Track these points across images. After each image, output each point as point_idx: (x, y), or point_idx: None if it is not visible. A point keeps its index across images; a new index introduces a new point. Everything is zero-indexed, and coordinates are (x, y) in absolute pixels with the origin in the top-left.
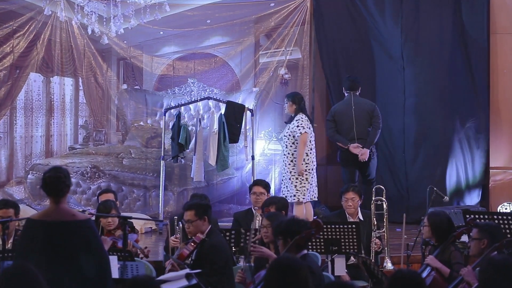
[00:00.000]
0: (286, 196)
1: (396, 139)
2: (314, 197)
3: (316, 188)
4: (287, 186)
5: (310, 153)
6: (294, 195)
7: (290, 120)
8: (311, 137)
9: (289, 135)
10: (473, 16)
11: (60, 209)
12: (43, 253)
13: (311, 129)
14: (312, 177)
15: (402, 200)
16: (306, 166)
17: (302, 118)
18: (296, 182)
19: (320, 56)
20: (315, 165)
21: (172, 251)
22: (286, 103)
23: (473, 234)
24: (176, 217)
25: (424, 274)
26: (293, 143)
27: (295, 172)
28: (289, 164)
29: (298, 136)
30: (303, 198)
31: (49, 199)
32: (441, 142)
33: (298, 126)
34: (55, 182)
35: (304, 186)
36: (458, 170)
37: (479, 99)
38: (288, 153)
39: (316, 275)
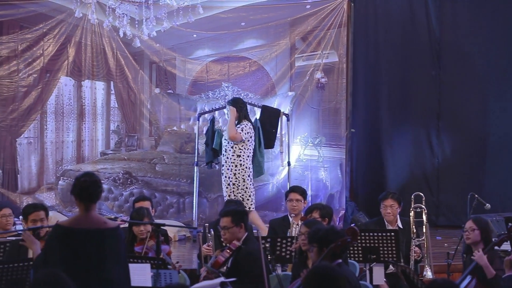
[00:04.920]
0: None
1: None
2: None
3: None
4: (227, 193)
5: (248, 160)
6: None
7: None
8: (250, 145)
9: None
10: None
11: (92, 216)
12: (73, 261)
13: (253, 138)
14: (252, 184)
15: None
16: (245, 172)
17: (247, 125)
18: (234, 189)
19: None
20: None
21: (205, 258)
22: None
23: None
24: (208, 225)
25: (465, 283)
26: (231, 147)
27: (232, 178)
28: (228, 169)
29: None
30: (251, 206)
31: (79, 206)
32: (478, 147)
33: (242, 129)
34: (92, 187)
35: (244, 193)
36: (498, 176)
37: None
38: (227, 158)
39: (352, 285)
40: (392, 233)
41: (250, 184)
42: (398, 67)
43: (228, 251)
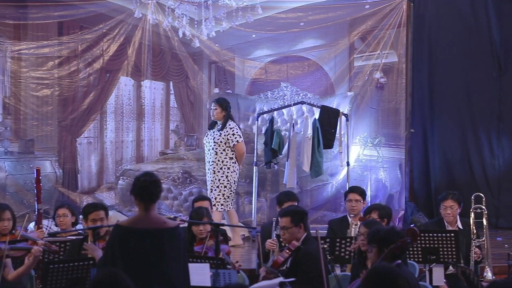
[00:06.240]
0: (215, 205)
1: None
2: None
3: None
4: (214, 195)
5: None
6: (222, 204)
7: (213, 125)
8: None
9: (221, 142)
10: None
11: (151, 216)
12: (132, 261)
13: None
14: (236, 185)
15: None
16: (236, 175)
17: (236, 126)
18: (225, 191)
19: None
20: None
21: (265, 258)
22: (215, 108)
23: None
24: (275, 219)
25: None
26: (224, 150)
27: (224, 180)
28: (219, 171)
29: (233, 144)
30: (229, 208)
31: (139, 205)
32: None
33: (234, 134)
34: (151, 186)
35: (232, 195)
36: None
37: None
38: (218, 160)
39: (412, 285)
40: (452, 234)
41: (235, 186)
42: (457, 67)
43: (287, 251)
